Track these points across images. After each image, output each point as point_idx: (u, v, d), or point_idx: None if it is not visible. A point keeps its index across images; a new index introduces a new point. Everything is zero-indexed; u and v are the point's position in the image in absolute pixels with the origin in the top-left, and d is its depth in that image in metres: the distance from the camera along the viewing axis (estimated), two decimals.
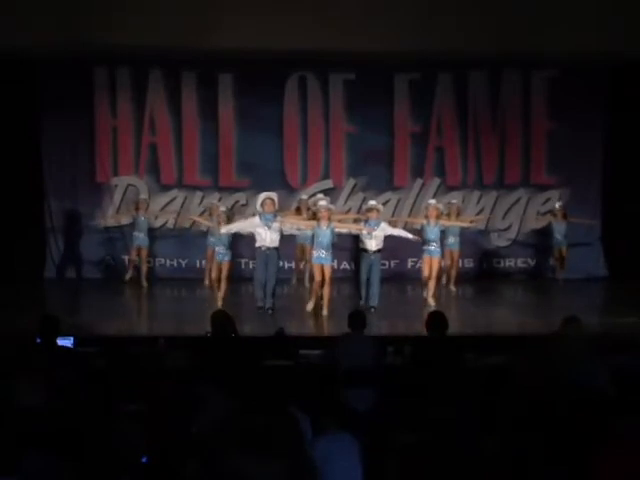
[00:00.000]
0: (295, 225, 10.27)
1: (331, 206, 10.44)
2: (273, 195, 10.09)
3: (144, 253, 12.08)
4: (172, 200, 12.97)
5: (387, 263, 12.38)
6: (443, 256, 11.54)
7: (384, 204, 12.82)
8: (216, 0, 10.33)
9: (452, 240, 11.67)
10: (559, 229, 12.09)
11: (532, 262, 13.23)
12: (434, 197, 12.91)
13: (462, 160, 13.10)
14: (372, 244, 9.99)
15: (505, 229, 13.24)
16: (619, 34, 10.53)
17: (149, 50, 11.57)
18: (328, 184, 13.03)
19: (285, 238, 10.49)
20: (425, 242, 10.57)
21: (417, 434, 4.05)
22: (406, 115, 12.95)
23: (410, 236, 10.34)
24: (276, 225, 9.77)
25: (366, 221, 10.17)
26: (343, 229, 10.33)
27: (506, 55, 12.05)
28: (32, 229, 12.74)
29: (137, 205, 12.15)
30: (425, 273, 10.58)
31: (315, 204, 10.56)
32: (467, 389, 5.43)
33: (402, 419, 4.86)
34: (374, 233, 9.93)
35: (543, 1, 10.36)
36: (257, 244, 9.87)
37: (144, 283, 12.02)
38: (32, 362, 5.64)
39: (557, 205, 12.33)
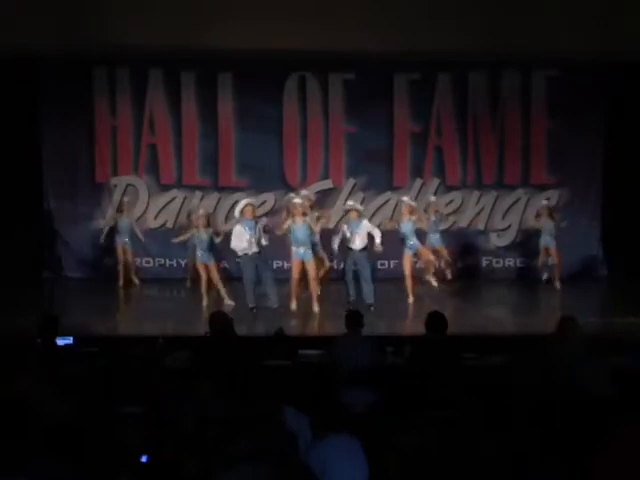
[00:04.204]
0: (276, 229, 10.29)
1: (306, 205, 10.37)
2: (253, 201, 10.46)
3: (129, 253, 12.19)
4: (172, 200, 12.98)
5: (387, 263, 12.38)
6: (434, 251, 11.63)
7: (384, 204, 12.85)
8: (216, 0, 10.32)
9: (433, 237, 11.60)
10: (546, 228, 12.01)
11: (532, 262, 13.18)
12: (434, 197, 12.96)
13: (462, 160, 13.09)
14: (356, 243, 10.14)
15: (504, 229, 13.23)
16: (619, 34, 10.53)
17: (149, 50, 11.57)
18: (328, 184, 13.04)
19: (281, 239, 10.51)
20: (403, 240, 10.77)
21: (417, 434, 4.04)
22: (406, 115, 12.95)
23: (378, 241, 10.29)
24: (257, 231, 9.90)
25: (347, 222, 10.31)
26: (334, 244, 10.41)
27: (506, 55, 12.05)
28: (32, 229, 12.73)
29: (120, 207, 12.30)
30: (406, 271, 10.73)
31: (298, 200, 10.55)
32: (466, 389, 5.42)
33: (401, 419, 4.86)
34: (356, 232, 10.11)
35: (543, 1, 10.35)
36: (241, 252, 9.99)
37: (135, 281, 12.16)
38: (32, 362, 5.64)
39: (543, 203, 12.27)
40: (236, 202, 12.75)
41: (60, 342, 6.20)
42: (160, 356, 6.47)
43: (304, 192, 11.30)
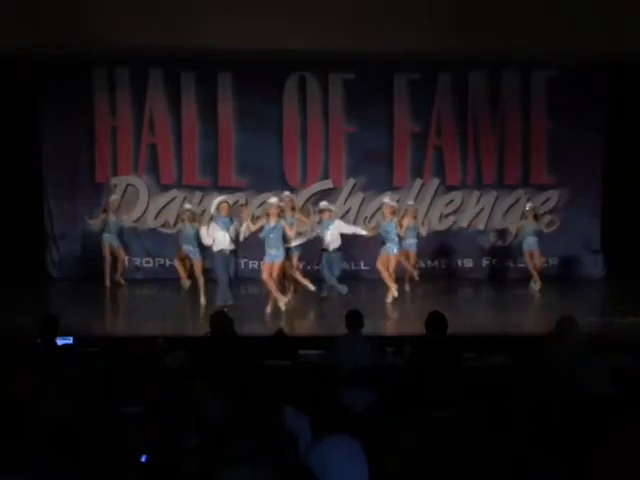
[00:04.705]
0: (249, 229, 10.27)
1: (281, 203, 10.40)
2: (229, 199, 10.57)
3: (116, 252, 12.16)
4: (172, 200, 12.94)
5: None
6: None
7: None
8: (216, 0, 10.32)
9: (410, 242, 11.56)
10: (530, 231, 11.94)
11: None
12: (434, 197, 12.97)
13: (462, 160, 13.08)
14: (329, 243, 10.27)
15: (504, 229, 13.19)
16: (619, 34, 10.52)
17: (149, 50, 11.56)
18: (328, 184, 13.04)
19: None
20: (383, 240, 10.81)
21: (417, 434, 4.05)
22: (406, 115, 12.94)
23: (364, 232, 10.75)
24: (233, 229, 9.99)
25: (320, 222, 10.41)
26: (301, 239, 10.43)
27: (506, 55, 12.03)
28: (32, 229, 12.71)
29: (106, 207, 12.23)
30: (382, 270, 10.76)
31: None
32: (466, 389, 5.42)
33: (401, 419, 4.86)
34: (329, 232, 10.28)
35: (543, 1, 10.34)
36: (216, 248, 10.04)
37: (122, 282, 12.13)
38: (32, 362, 5.63)
39: (527, 206, 12.21)
40: (236, 202, 12.85)
41: (60, 342, 6.19)
42: (160, 356, 6.46)
43: (286, 193, 11.21)
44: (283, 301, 9.97)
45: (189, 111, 12.87)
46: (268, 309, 10.01)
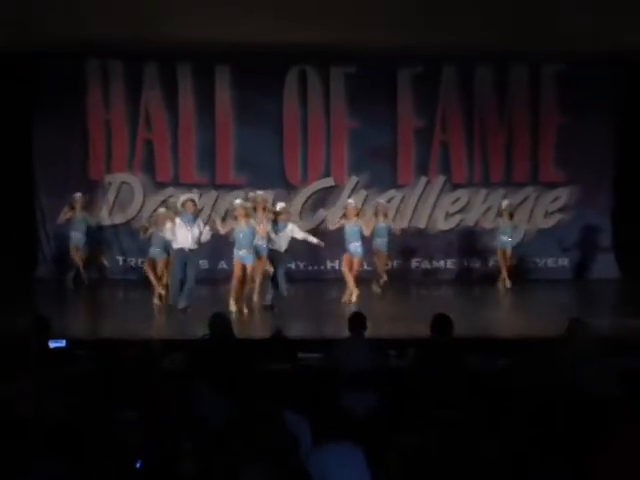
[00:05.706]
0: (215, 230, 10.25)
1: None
2: (194, 197, 10.50)
3: (82, 252, 11.87)
4: (167, 199, 12.60)
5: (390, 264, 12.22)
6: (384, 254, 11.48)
7: (388, 202, 12.53)
8: None
9: (379, 241, 11.38)
10: (505, 229, 11.84)
11: (540, 262, 13.00)
12: (439, 195, 12.82)
13: (468, 157, 12.90)
14: (282, 245, 10.25)
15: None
16: (627, 28, 10.44)
17: (144, 42, 11.44)
18: (329, 182, 12.91)
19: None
20: (346, 241, 10.67)
21: (418, 435, 4.02)
22: (410, 110, 12.78)
23: (315, 240, 10.62)
24: (196, 227, 9.87)
25: (275, 222, 10.33)
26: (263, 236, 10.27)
27: (513, 48, 11.88)
28: (23, 226, 12.53)
29: (72, 204, 11.87)
30: (345, 271, 10.64)
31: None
32: (469, 391, 5.38)
33: (403, 422, 4.81)
34: (281, 234, 10.24)
35: None
36: (176, 245, 9.89)
37: (80, 281, 11.84)
38: (32, 362, 5.56)
39: (503, 204, 12.10)
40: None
41: (52, 345, 6.06)
42: (156, 358, 6.38)
43: (259, 192, 10.86)
44: (232, 306, 9.77)
45: (186, 106, 12.69)
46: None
